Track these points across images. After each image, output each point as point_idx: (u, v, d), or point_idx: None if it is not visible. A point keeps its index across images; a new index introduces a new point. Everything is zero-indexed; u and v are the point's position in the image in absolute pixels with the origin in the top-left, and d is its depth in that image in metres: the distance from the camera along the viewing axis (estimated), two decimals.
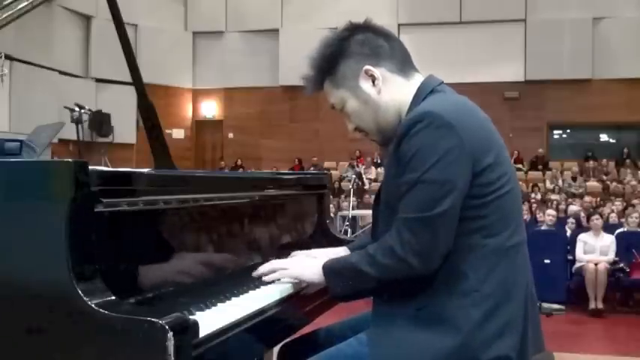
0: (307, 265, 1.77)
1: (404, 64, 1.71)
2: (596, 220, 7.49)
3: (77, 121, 6.44)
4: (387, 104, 1.68)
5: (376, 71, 1.67)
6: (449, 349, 1.50)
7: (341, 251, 2.04)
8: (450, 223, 1.51)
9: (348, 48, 1.68)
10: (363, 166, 15.87)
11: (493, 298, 1.52)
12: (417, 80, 1.70)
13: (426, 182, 1.49)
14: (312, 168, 16.38)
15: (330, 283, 1.65)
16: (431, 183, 1.49)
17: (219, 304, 1.57)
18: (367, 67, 1.67)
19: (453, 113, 1.53)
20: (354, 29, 1.71)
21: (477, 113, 1.62)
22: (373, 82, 1.67)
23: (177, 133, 18.29)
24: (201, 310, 1.50)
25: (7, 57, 12.19)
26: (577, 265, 7.44)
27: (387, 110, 1.68)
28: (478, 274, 1.52)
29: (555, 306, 7.06)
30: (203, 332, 1.32)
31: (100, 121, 15.18)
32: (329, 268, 1.67)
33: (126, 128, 16.10)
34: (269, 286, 1.79)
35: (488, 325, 1.51)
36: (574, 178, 15.21)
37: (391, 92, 1.68)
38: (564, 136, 18.15)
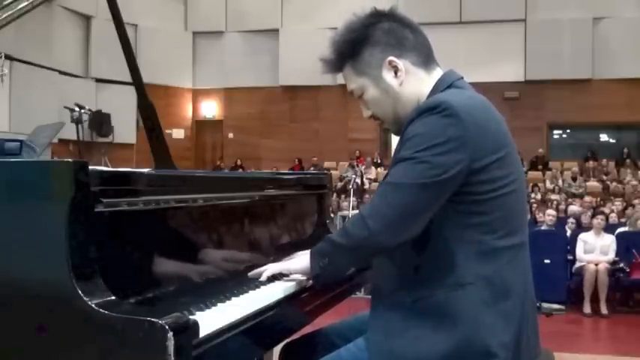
0: (296, 258, 1.78)
1: (427, 58, 1.70)
2: (599, 220, 7.48)
3: (77, 121, 6.44)
4: (407, 96, 1.67)
5: (400, 63, 1.66)
6: (447, 339, 1.50)
7: None
8: (425, 199, 1.50)
9: (373, 35, 1.66)
10: (363, 166, 15.85)
11: (489, 293, 1.52)
12: (437, 74, 1.70)
13: (417, 159, 1.49)
14: (312, 168, 16.38)
15: (311, 264, 1.65)
16: (421, 162, 1.49)
17: (219, 304, 1.57)
18: (391, 58, 1.65)
19: (465, 107, 1.53)
20: (380, 16, 1.68)
21: (490, 112, 1.61)
22: (396, 73, 1.66)
23: (177, 133, 18.29)
24: (201, 310, 1.49)
25: (7, 57, 12.17)
26: (577, 264, 7.44)
27: (407, 102, 1.67)
28: (474, 268, 1.52)
29: (555, 306, 7.06)
30: (203, 332, 1.31)
31: (100, 121, 15.18)
32: (313, 251, 1.67)
33: (126, 128, 16.09)
34: (269, 286, 1.79)
35: (483, 318, 1.51)
36: (574, 178, 15.20)
37: (412, 85, 1.67)
38: (564, 136, 18.15)
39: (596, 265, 7.17)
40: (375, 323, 1.62)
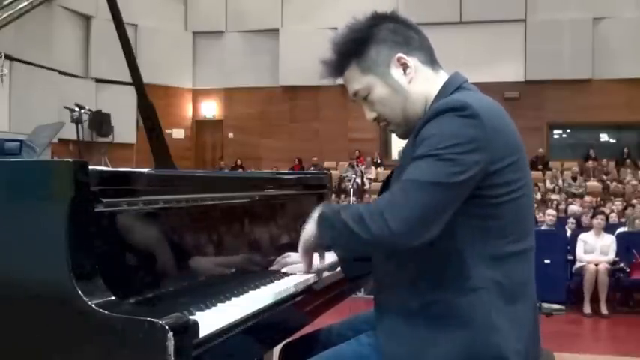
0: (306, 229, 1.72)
1: (432, 57, 1.69)
2: (599, 220, 7.49)
3: (77, 121, 6.46)
4: (416, 94, 1.65)
5: (409, 60, 1.64)
6: (459, 344, 1.50)
7: (329, 256, 2.03)
8: (447, 199, 1.46)
9: (379, 34, 1.64)
10: (363, 166, 15.87)
11: (500, 297, 1.52)
12: (443, 74, 1.69)
13: (438, 157, 1.45)
14: (312, 168, 16.38)
15: (320, 231, 1.60)
16: (444, 159, 1.45)
17: (219, 304, 1.57)
18: (400, 54, 1.64)
19: (484, 109, 1.51)
20: (383, 18, 1.67)
21: (505, 116, 1.60)
22: (404, 70, 1.64)
23: (177, 133, 18.29)
24: (201, 310, 1.49)
25: (7, 57, 12.15)
26: (577, 264, 7.45)
27: (416, 101, 1.65)
28: (486, 272, 1.51)
29: (555, 306, 7.07)
30: (203, 332, 1.31)
31: (100, 121, 15.17)
32: (323, 217, 1.60)
33: (126, 128, 16.09)
34: (269, 285, 1.79)
35: (496, 322, 1.51)
36: (574, 178, 15.21)
37: (421, 83, 1.65)
38: (564, 136, 18.15)
39: (596, 265, 7.17)
40: (382, 328, 1.60)
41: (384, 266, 1.67)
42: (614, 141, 17.72)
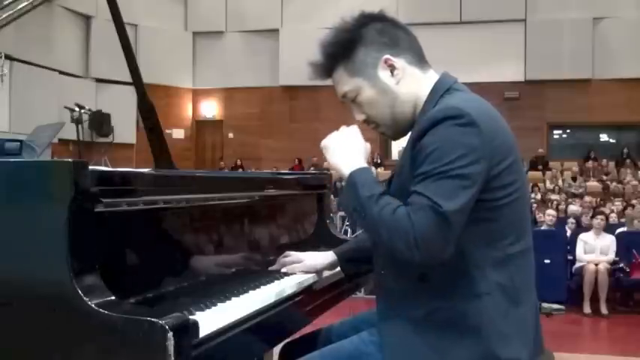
0: (345, 155, 1.74)
1: (420, 57, 1.68)
2: (599, 221, 7.48)
3: (77, 121, 6.47)
4: (405, 95, 1.64)
5: (396, 61, 1.63)
6: (469, 351, 1.49)
7: (328, 256, 2.03)
8: (463, 221, 1.45)
9: (366, 35, 1.63)
10: None
11: (504, 302, 1.51)
12: (432, 75, 1.67)
13: (448, 173, 1.42)
14: (312, 168, 16.37)
15: (346, 195, 1.57)
16: (452, 176, 1.42)
17: (219, 304, 1.57)
18: (387, 56, 1.62)
19: (478, 114, 1.49)
20: (371, 18, 1.66)
21: (498, 117, 1.59)
22: (392, 72, 1.63)
23: (177, 133, 18.29)
24: (201, 310, 1.49)
25: (7, 57, 12.22)
26: (577, 264, 7.45)
27: (405, 102, 1.64)
28: (488, 276, 1.50)
29: (555, 306, 7.07)
30: (203, 332, 1.31)
31: (100, 121, 15.18)
32: (354, 186, 1.56)
33: (126, 128, 16.09)
34: (269, 285, 1.79)
35: (503, 329, 1.50)
36: (574, 178, 15.20)
37: (409, 84, 1.64)
38: (564, 136, 18.15)
39: (596, 265, 7.17)
40: (386, 335, 1.59)
41: (386, 271, 1.65)
42: (614, 141, 17.72)
